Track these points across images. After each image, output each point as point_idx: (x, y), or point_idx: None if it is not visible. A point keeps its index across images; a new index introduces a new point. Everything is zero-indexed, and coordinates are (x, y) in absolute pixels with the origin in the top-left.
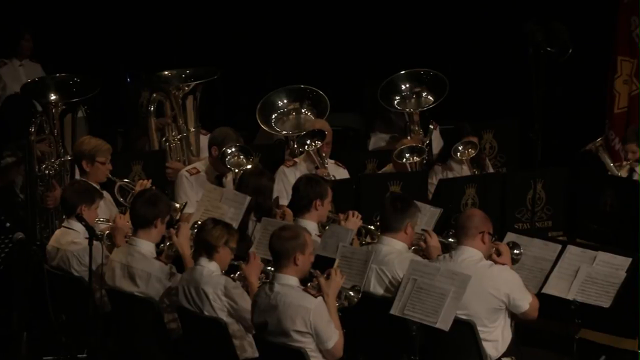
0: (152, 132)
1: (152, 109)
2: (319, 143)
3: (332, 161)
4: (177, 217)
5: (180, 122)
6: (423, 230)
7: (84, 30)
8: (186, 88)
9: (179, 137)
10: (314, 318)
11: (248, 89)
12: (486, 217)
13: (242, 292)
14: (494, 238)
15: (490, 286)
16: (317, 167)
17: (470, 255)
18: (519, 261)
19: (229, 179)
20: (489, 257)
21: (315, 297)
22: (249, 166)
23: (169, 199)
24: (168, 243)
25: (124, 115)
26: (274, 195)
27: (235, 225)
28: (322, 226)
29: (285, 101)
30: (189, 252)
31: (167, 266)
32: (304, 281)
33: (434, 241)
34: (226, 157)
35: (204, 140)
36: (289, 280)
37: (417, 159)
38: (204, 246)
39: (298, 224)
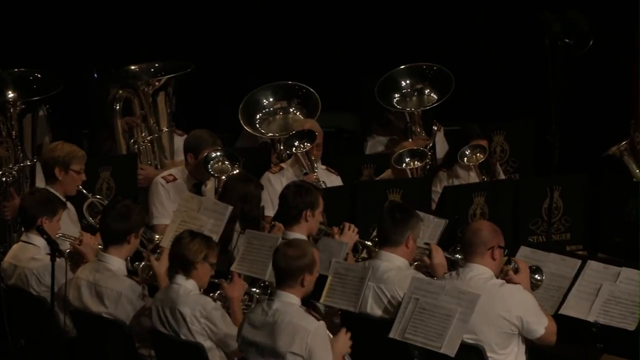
0: (118, 133)
1: (117, 107)
2: (308, 145)
3: (324, 167)
4: (157, 239)
5: (151, 122)
6: (426, 244)
7: (45, 20)
8: (157, 83)
9: (149, 138)
10: (312, 341)
11: (229, 85)
12: (496, 229)
13: (223, 314)
14: (506, 252)
15: (501, 308)
16: (305, 173)
17: (480, 272)
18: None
19: (208, 186)
20: (504, 274)
21: (318, 320)
22: (235, 172)
23: (141, 210)
24: (143, 264)
25: (90, 115)
26: None
27: (215, 238)
28: (312, 239)
29: (271, 99)
30: (165, 278)
31: (139, 286)
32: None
33: (439, 257)
34: (209, 162)
35: (180, 141)
36: (291, 299)
37: (419, 164)
38: (180, 262)
39: (303, 239)
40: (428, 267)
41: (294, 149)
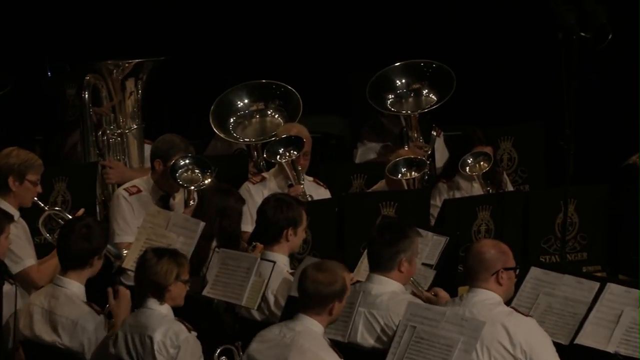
0: (87, 128)
1: (86, 96)
2: (294, 153)
3: (311, 178)
4: (118, 264)
5: (120, 118)
6: (433, 291)
7: None
8: (126, 65)
9: (118, 132)
10: None
11: (200, 86)
12: (502, 249)
13: (193, 348)
14: (517, 272)
15: (506, 340)
16: (290, 185)
17: (486, 297)
18: (547, 303)
19: (177, 199)
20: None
21: (340, 357)
22: (207, 181)
23: (104, 229)
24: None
25: (44, 118)
26: None
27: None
28: (295, 259)
29: (246, 101)
30: (122, 320)
31: (99, 315)
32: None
33: (444, 296)
34: (177, 171)
35: (149, 150)
36: (315, 326)
37: (417, 174)
38: (150, 287)
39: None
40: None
41: (278, 157)
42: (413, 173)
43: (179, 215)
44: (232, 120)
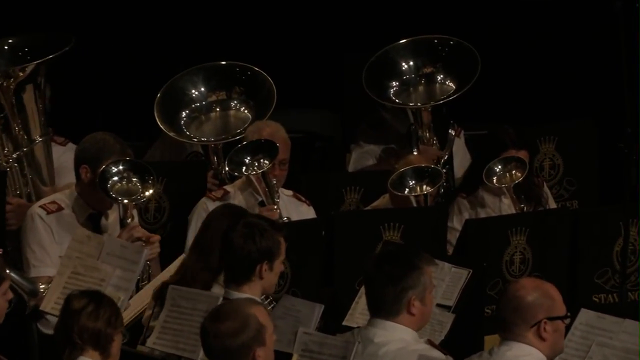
0: None
1: None
2: (266, 163)
3: (290, 192)
4: (33, 304)
5: (17, 129)
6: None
7: None
8: (20, 74)
9: (15, 155)
10: None
11: (142, 73)
12: (545, 292)
13: None
14: (567, 321)
15: None
16: (261, 203)
17: (523, 353)
18: (601, 357)
19: (111, 218)
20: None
21: None
22: (148, 193)
23: (4, 263)
24: None
25: None
26: (187, 244)
27: (124, 297)
28: (270, 299)
29: (202, 89)
30: None
31: None
32: None
33: None
34: (108, 180)
35: (66, 155)
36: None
37: (429, 188)
38: (88, 339)
39: (235, 302)
40: None
41: (244, 168)
42: (425, 187)
43: (115, 241)
44: (184, 114)
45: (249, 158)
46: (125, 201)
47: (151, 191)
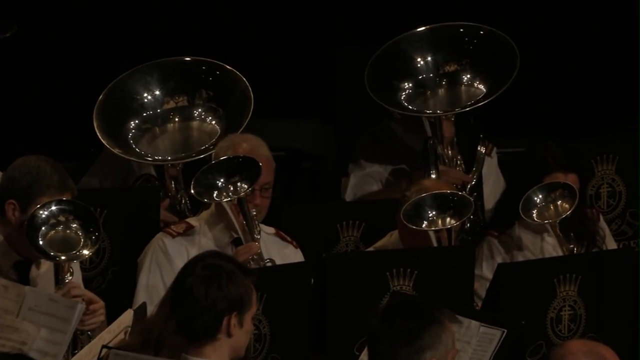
0: None
1: None
2: (244, 187)
3: (272, 230)
4: None
5: None
6: None
7: None
8: None
9: None
10: None
11: (76, 72)
12: (601, 357)
13: None
14: None
15: None
16: (237, 241)
17: None
18: None
19: (44, 269)
20: None
21: None
22: (86, 252)
23: None
24: None
25: None
26: (138, 295)
27: None
28: None
29: (156, 92)
30: None
31: None
32: None
33: None
34: (39, 227)
35: None
36: None
37: (454, 222)
38: None
39: None
40: None
41: (215, 193)
42: (449, 219)
43: (42, 295)
44: (132, 125)
45: (222, 180)
46: (62, 258)
47: (91, 251)
